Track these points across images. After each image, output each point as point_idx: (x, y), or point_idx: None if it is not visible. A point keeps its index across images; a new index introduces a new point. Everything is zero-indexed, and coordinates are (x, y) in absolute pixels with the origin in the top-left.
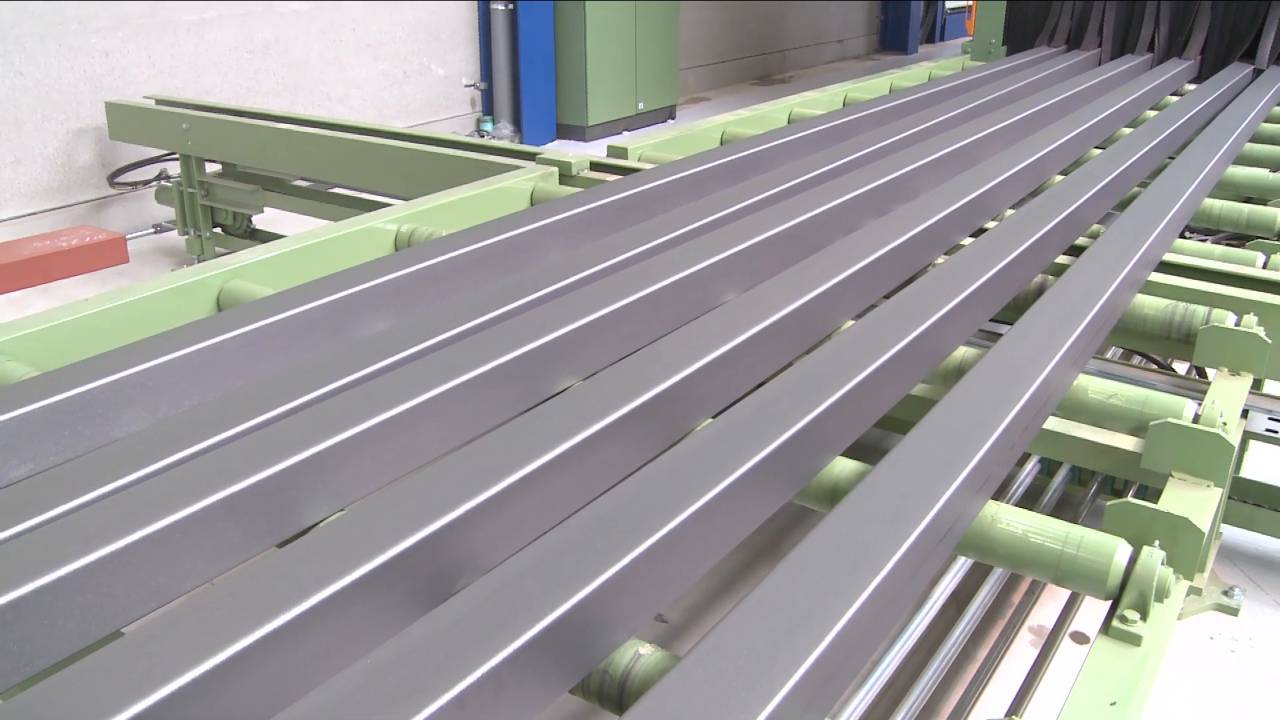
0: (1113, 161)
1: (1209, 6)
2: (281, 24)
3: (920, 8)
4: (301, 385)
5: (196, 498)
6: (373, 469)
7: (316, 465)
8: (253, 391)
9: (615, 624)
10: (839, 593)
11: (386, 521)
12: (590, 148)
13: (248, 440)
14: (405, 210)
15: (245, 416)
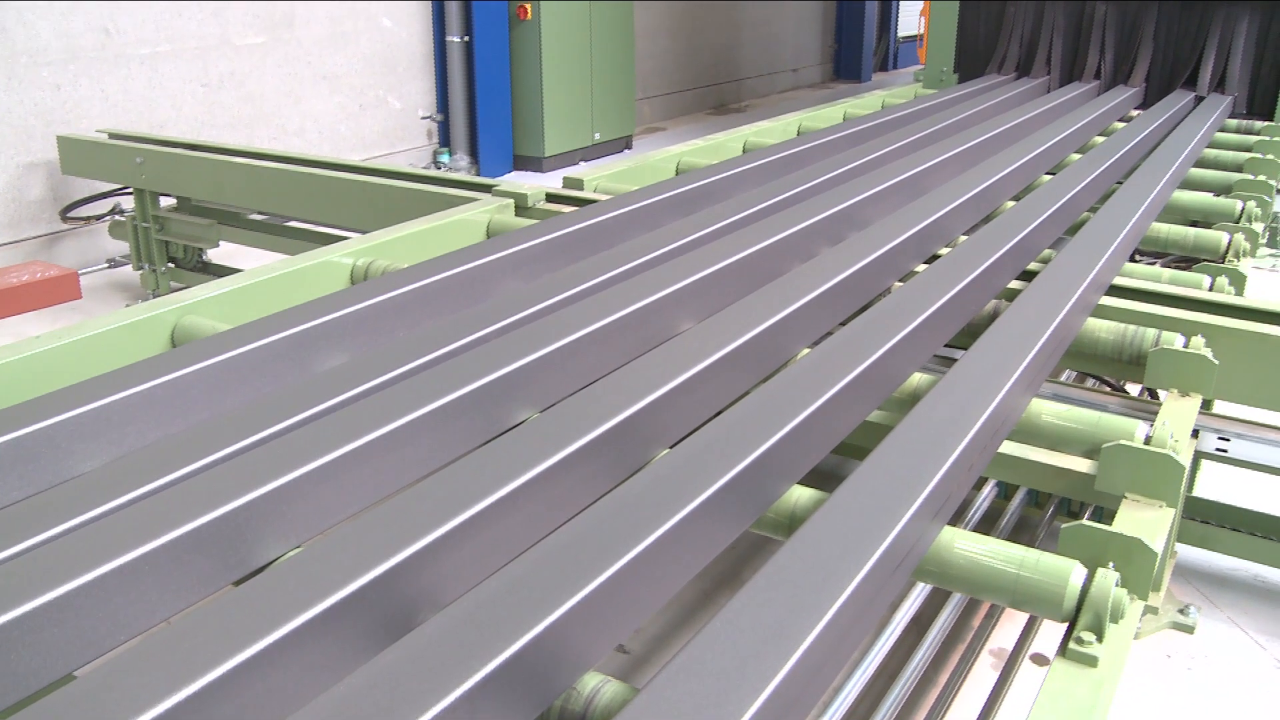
0: (1063, 187)
1: (1151, 36)
2: (237, 57)
3: (873, 37)
4: (257, 421)
5: (152, 536)
6: (330, 504)
7: (273, 501)
8: (208, 428)
9: (576, 655)
10: (798, 620)
11: (345, 557)
12: (547, 179)
13: (202, 478)
14: (362, 244)
15: (200, 453)
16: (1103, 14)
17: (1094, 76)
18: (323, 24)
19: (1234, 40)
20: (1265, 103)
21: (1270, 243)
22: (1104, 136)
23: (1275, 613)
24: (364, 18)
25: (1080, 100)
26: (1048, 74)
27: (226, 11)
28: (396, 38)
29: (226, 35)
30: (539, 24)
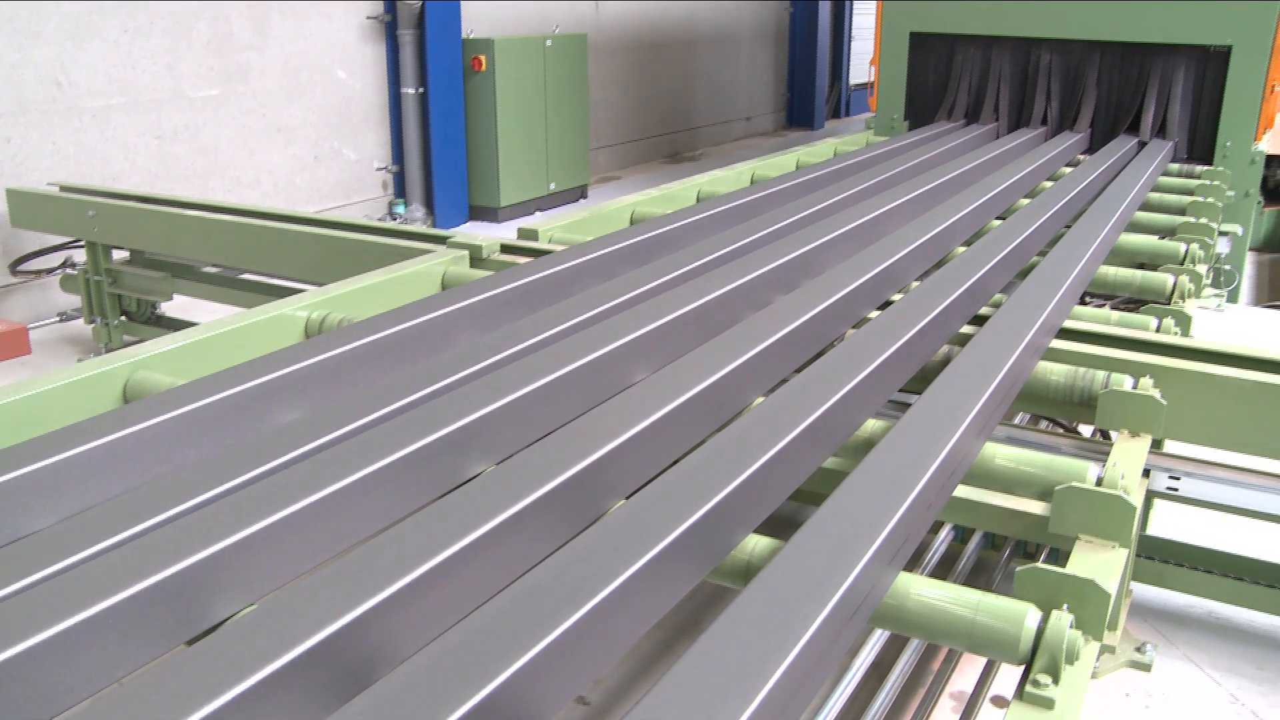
0: (1013, 232)
1: (1094, 83)
2: (191, 110)
3: (825, 84)
4: (212, 477)
5: (104, 594)
6: (286, 560)
7: (229, 557)
8: (162, 484)
9: (536, 707)
10: (756, 668)
11: (302, 613)
12: (502, 229)
13: (156, 535)
14: (316, 296)
15: (153, 510)
16: (1047, 62)
17: (1041, 123)
18: (277, 76)
19: (1172, 88)
20: (1204, 147)
21: (1214, 283)
22: (1052, 181)
23: (1230, 649)
24: (319, 70)
25: (1028, 146)
26: (996, 120)
27: (180, 64)
28: (351, 90)
29: (180, 88)
30: (493, 75)
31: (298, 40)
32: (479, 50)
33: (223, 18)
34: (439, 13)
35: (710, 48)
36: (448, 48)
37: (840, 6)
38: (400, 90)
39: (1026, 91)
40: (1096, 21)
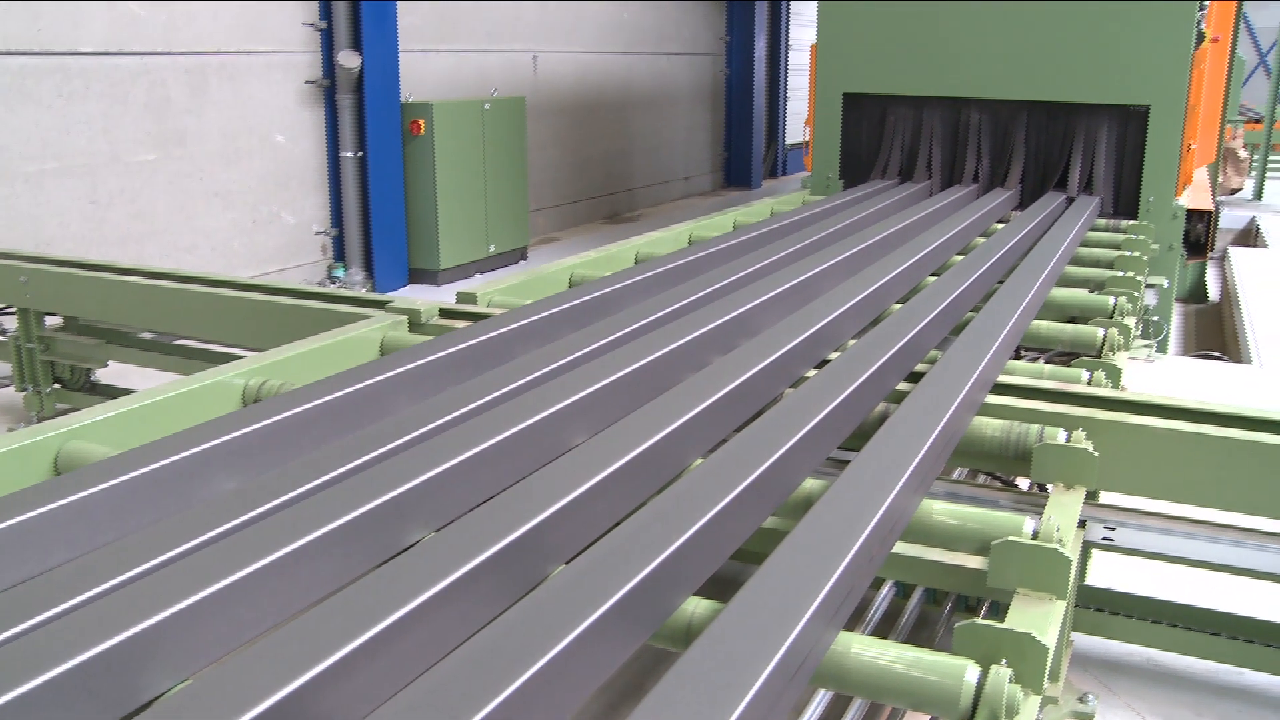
0: (947, 289)
1: (1023, 142)
2: (127, 174)
3: (762, 144)
4: (147, 549)
5: (34, 673)
6: (223, 633)
7: (162, 633)
8: (94, 559)
9: None
10: None
11: (238, 687)
12: (442, 292)
13: (88, 611)
14: (254, 363)
15: (85, 586)
16: (977, 121)
17: (972, 180)
18: (215, 140)
19: (1097, 146)
20: (1129, 203)
21: (1144, 334)
22: (984, 238)
23: (1169, 695)
24: (257, 135)
25: (960, 203)
26: (929, 179)
27: (117, 129)
28: (290, 154)
29: (116, 152)
30: (432, 139)
31: (236, 105)
32: (418, 114)
33: (160, 83)
34: (377, 77)
35: (648, 109)
36: (386, 112)
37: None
38: (339, 154)
39: (958, 150)
40: (1022, 82)
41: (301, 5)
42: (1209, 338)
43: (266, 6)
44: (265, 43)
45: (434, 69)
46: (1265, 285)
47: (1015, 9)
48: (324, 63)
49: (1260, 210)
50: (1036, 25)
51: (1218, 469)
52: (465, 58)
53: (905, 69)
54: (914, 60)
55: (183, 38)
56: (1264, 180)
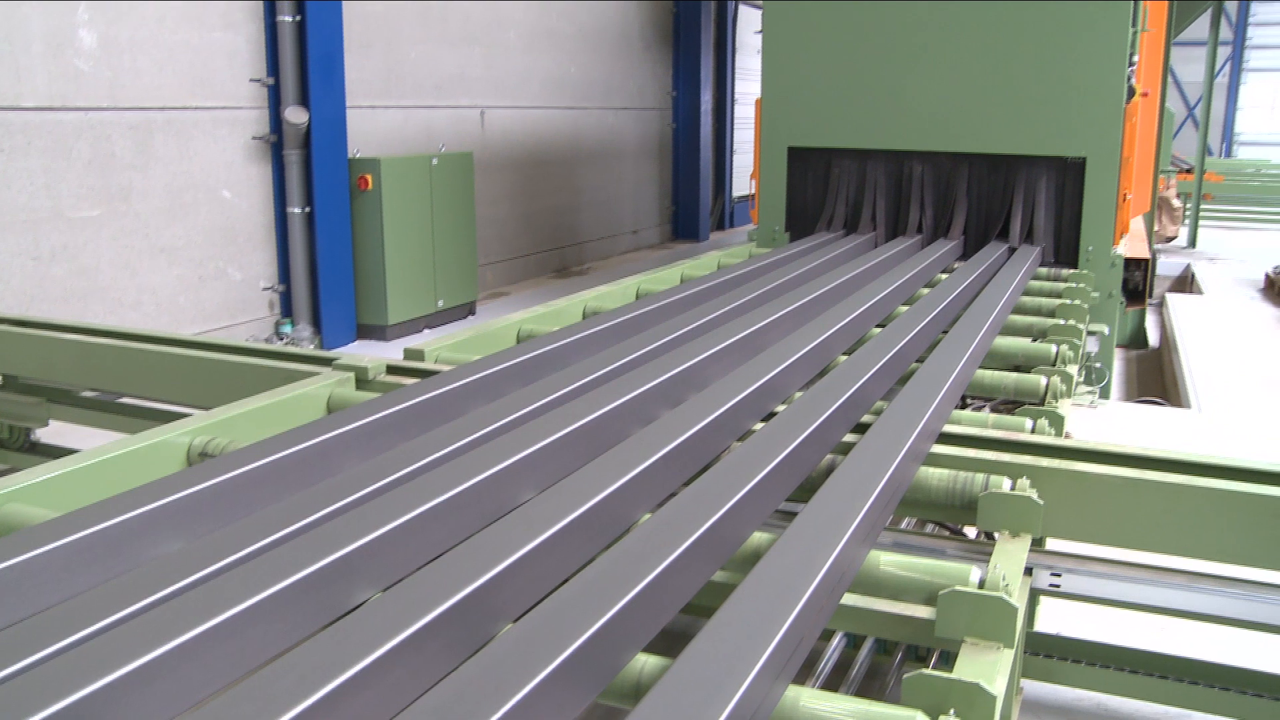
0: (892, 339)
1: (965, 193)
2: (70, 230)
3: (709, 197)
4: (88, 615)
5: None
6: (166, 698)
7: (106, 699)
8: (35, 624)
9: None
10: None
11: None
12: (390, 347)
13: (30, 677)
14: (199, 422)
15: (26, 652)
16: (920, 173)
17: (916, 231)
18: (161, 196)
19: (1037, 196)
20: (1069, 252)
21: (1087, 380)
22: (929, 288)
23: None
24: (203, 190)
25: (905, 254)
26: (874, 230)
27: (60, 184)
28: (237, 209)
29: (59, 208)
30: (380, 194)
31: (182, 160)
32: (365, 170)
33: (104, 138)
34: (325, 133)
35: (596, 163)
36: (334, 167)
37: (721, 122)
38: (287, 209)
39: (902, 202)
40: (964, 135)
41: (249, 61)
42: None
43: (214, 62)
44: (212, 98)
45: (381, 124)
46: (1202, 330)
47: (957, 65)
48: (271, 118)
49: (1195, 257)
50: (977, 80)
51: (1160, 513)
52: (413, 113)
53: (849, 123)
54: (857, 114)
55: (128, 94)
56: (1197, 228)
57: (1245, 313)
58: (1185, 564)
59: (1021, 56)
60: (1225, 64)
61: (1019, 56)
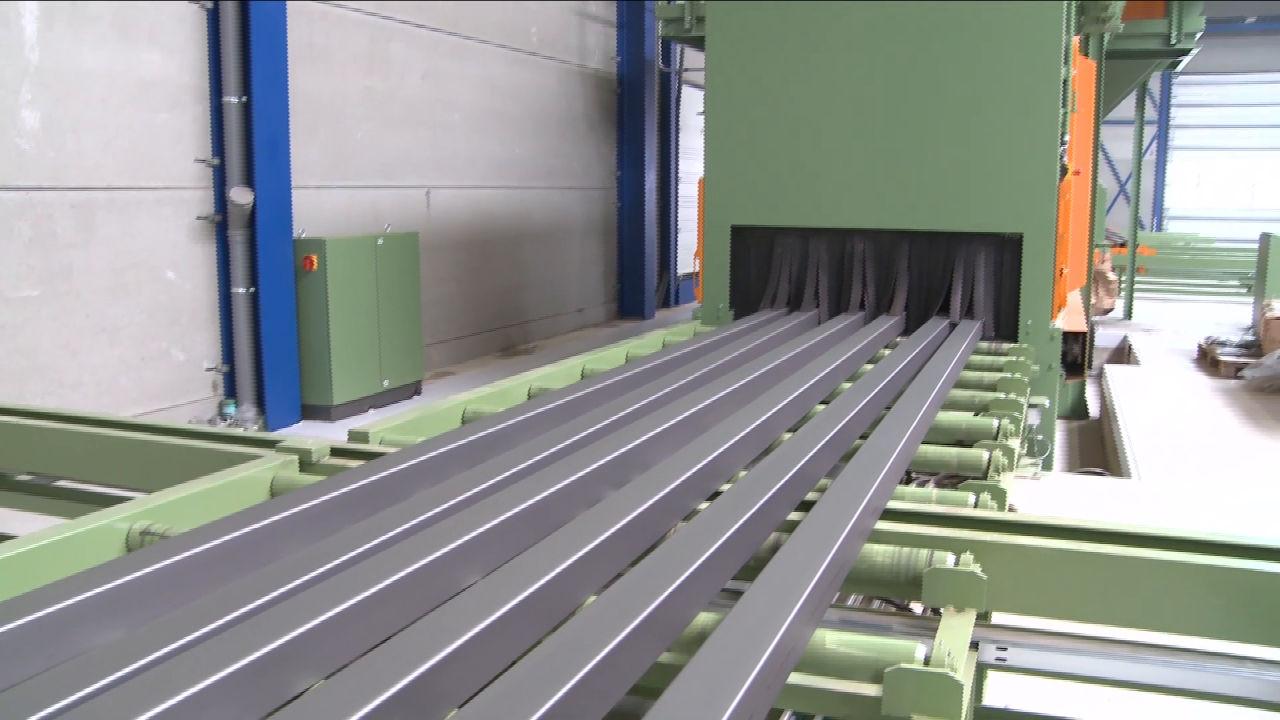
0: (836, 416)
1: (906, 269)
2: (9, 309)
3: (654, 275)
4: (23, 707)
5: None
6: None
7: None
8: None
9: None
10: None
11: None
12: (335, 428)
13: None
14: (138, 507)
15: None
16: (862, 250)
17: (859, 307)
18: (103, 276)
19: (976, 272)
20: (1009, 326)
21: (1029, 452)
22: (872, 364)
23: None
24: (147, 269)
25: (848, 331)
26: (817, 307)
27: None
28: (181, 289)
29: None
30: (325, 274)
31: (125, 240)
32: (310, 250)
33: (46, 218)
34: (270, 213)
35: (541, 242)
36: (279, 248)
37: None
38: (231, 289)
39: (844, 279)
40: (904, 213)
41: (195, 142)
42: (1092, 452)
43: (159, 143)
44: (157, 178)
45: (327, 205)
46: (1140, 401)
47: (896, 145)
48: (216, 198)
49: (1131, 329)
50: (916, 160)
51: (1104, 585)
52: (359, 194)
53: (791, 202)
54: (799, 193)
55: (71, 173)
56: (1132, 300)
57: (1181, 382)
58: (1130, 635)
59: (959, 137)
60: (1152, 142)
61: (957, 137)
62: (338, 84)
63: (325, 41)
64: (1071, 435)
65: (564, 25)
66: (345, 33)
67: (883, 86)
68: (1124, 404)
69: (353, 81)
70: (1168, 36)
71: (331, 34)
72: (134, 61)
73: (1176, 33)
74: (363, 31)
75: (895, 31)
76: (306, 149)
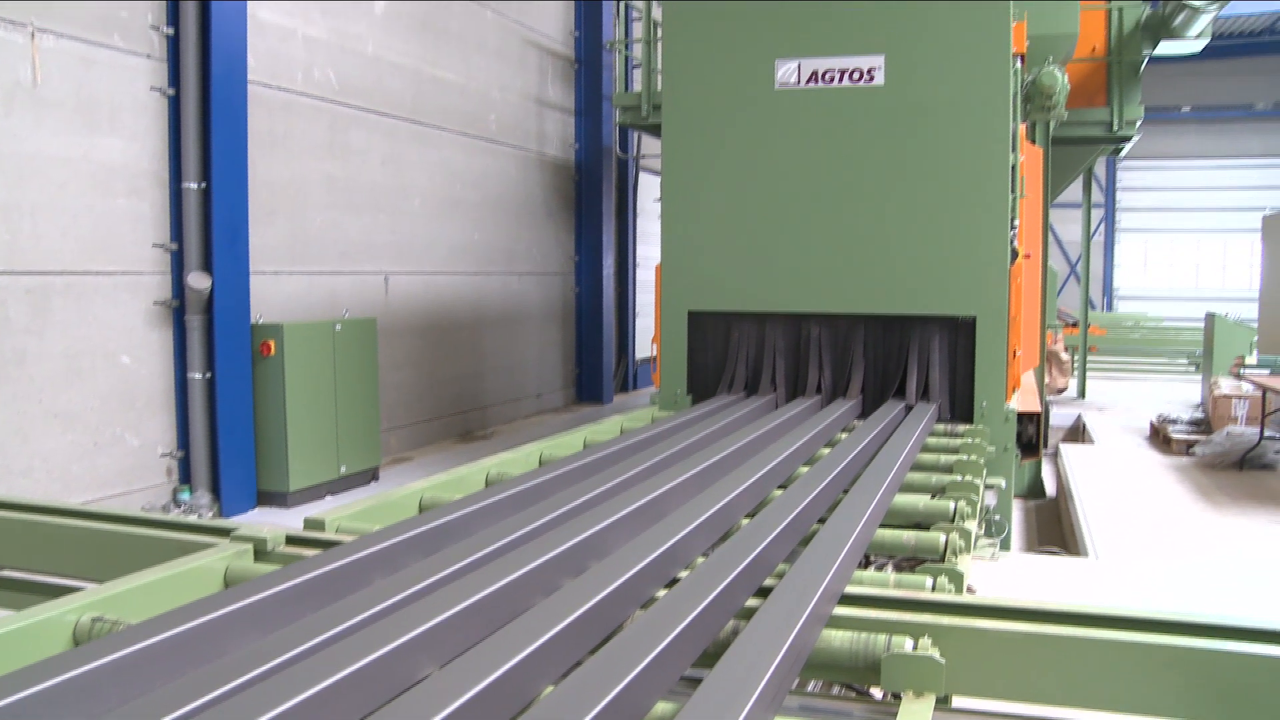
0: (793, 501)
1: (862, 353)
2: None
3: (613, 360)
4: None
5: None
6: None
7: None
8: None
9: None
10: None
11: None
12: (291, 514)
13: None
14: (87, 598)
15: None
16: (818, 334)
17: (816, 391)
18: (57, 361)
19: (931, 355)
20: (964, 407)
21: (987, 533)
22: (829, 448)
23: None
24: (102, 355)
25: (805, 415)
26: (774, 391)
27: None
28: (136, 374)
29: None
30: (283, 360)
31: (81, 325)
32: (268, 335)
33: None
34: (228, 299)
35: (500, 328)
36: (236, 333)
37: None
38: (187, 375)
39: (801, 363)
40: (859, 297)
41: (153, 227)
42: (1049, 531)
43: (118, 228)
44: (114, 263)
45: (286, 290)
46: (1095, 479)
47: (850, 230)
48: (174, 284)
49: (1085, 407)
50: (870, 245)
51: (1061, 667)
52: (317, 279)
53: (747, 287)
54: (755, 278)
55: (27, 257)
56: (1085, 379)
57: (1135, 460)
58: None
59: (912, 222)
60: (1100, 225)
61: (910, 223)
62: (297, 170)
63: (286, 129)
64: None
65: (523, 113)
66: (306, 120)
67: (836, 173)
68: (1080, 483)
69: (312, 167)
70: (1110, 124)
71: (293, 121)
72: (95, 147)
73: (1118, 120)
74: (323, 118)
75: (849, 119)
76: (266, 234)
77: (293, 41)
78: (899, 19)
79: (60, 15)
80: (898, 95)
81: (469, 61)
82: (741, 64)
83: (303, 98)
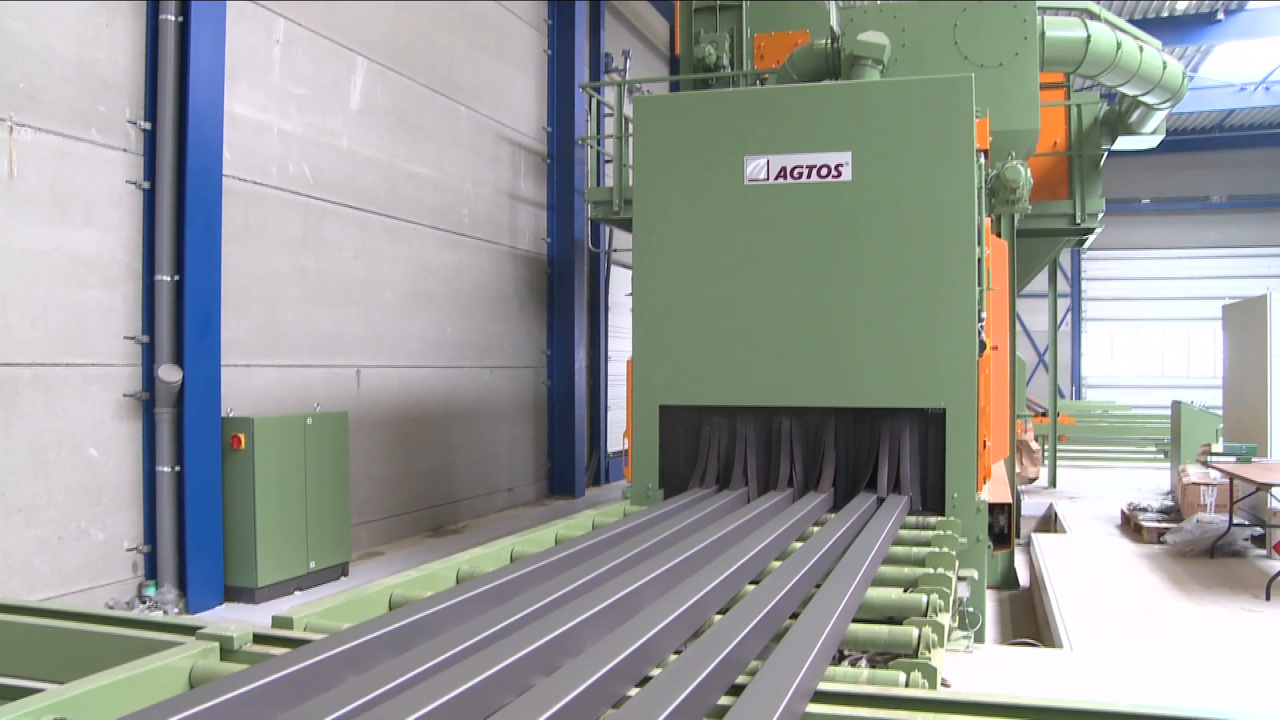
0: (766, 596)
1: (833, 446)
2: None
3: (584, 454)
4: None
5: None
6: None
7: None
8: None
9: None
10: None
11: None
12: (259, 610)
13: None
14: (48, 699)
15: None
16: (789, 428)
17: (787, 485)
18: (23, 454)
19: (901, 447)
20: (935, 499)
21: (960, 625)
22: (801, 542)
23: None
24: (68, 447)
25: (777, 509)
26: (746, 485)
27: None
28: (103, 467)
29: None
30: (253, 454)
31: (48, 418)
32: (238, 429)
33: None
34: (199, 392)
35: (471, 421)
36: (206, 426)
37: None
38: (156, 468)
39: (772, 456)
40: (828, 390)
41: (125, 319)
42: (1024, 622)
43: (89, 320)
44: (85, 355)
45: (257, 383)
46: (1068, 569)
47: (820, 325)
48: (144, 376)
49: (1056, 496)
50: (838, 338)
51: None
52: (289, 372)
53: (718, 381)
54: (726, 372)
55: None
56: (1056, 468)
57: (1107, 549)
58: None
59: (881, 316)
60: (1067, 314)
61: (879, 316)
62: (271, 263)
63: (260, 221)
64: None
65: (496, 207)
66: (280, 213)
67: (805, 267)
68: (1053, 573)
69: (286, 260)
70: (1073, 216)
71: (266, 214)
72: (69, 239)
73: (1080, 212)
74: (297, 212)
75: (818, 215)
76: (238, 327)
77: (268, 136)
78: (865, 116)
79: (39, 109)
80: (865, 191)
81: (443, 156)
82: (711, 159)
83: (277, 191)
